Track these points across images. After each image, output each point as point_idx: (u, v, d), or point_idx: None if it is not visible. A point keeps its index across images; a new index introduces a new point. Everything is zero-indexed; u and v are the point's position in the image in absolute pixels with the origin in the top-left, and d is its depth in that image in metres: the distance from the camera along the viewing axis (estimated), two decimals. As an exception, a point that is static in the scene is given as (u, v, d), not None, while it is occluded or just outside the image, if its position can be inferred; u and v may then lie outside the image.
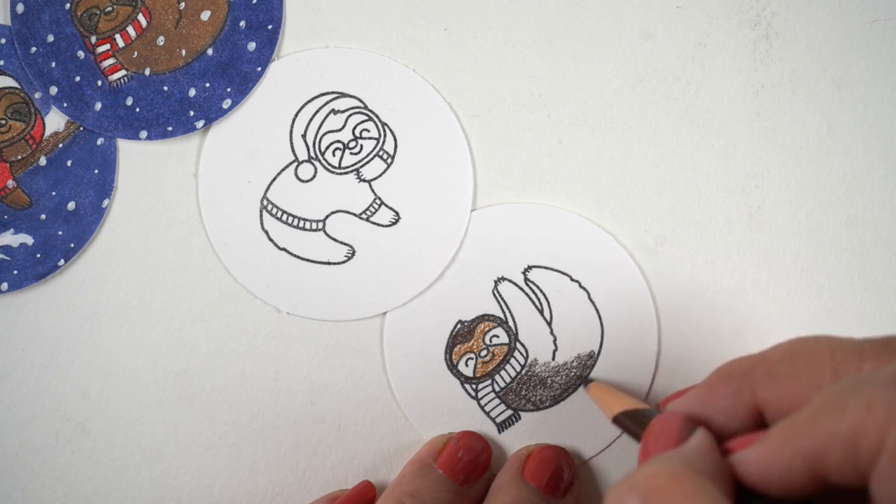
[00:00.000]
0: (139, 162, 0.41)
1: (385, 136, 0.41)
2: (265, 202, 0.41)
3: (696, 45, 0.41)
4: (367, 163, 0.41)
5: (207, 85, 0.41)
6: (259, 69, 0.41)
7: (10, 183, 0.41)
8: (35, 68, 0.41)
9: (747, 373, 0.28)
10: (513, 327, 0.41)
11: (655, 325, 0.41)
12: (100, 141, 0.41)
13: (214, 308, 0.41)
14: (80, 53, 0.41)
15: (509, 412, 0.41)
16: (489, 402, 0.41)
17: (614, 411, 0.34)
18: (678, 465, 0.25)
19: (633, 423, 0.32)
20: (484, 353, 0.41)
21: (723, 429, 0.28)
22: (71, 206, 0.41)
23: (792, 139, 0.41)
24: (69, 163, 0.41)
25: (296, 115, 0.41)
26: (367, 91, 0.41)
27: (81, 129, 0.41)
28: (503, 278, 0.41)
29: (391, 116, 0.41)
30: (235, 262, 0.41)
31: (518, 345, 0.41)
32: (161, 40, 0.41)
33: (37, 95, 0.41)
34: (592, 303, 0.41)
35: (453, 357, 0.41)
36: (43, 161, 0.41)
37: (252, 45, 0.41)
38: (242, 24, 0.41)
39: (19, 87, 0.41)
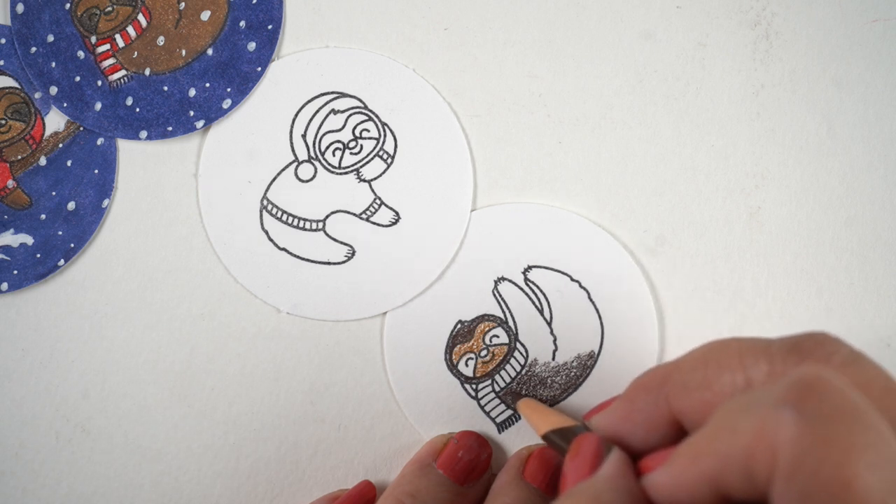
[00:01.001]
0: (139, 162, 0.41)
1: (385, 136, 0.41)
2: (265, 202, 0.41)
3: (696, 45, 0.41)
4: (367, 163, 0.41)
5: (207, 85, 0.41)
6: (259, 69, 0.41)
7: (10, 183, 0.41)
8: (35, 68, 0.41)
9: (662, 383, 0.28)
10: (513, 327, 0.41)
11: (655, 325, 0.41)
12: (100, 141, 0.41)
13: (214, 308, 0.41)
14: (80, 53, 0.41)
15: (509, 412, 0.41)
16: (489, 402, 0.41)
17: (542, 430, 0.34)
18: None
19: (561, 440, 0.33)
20: (484, 353, 0.41)
21: (644, 442, 0.28)
22: (71, 206, 0.41)
23: (792, 139, 0.41)
24: (69, 163, 0.41)
25: (296, 115, 0.41)
26: (367, 91, 0.41)
27: (81, 129, 0.41)
28: (503, 278, 0.41)
29: (391, 116, 0.41)
30: (235, 262, 0.41)
31: (518, 345, 0.41)
32: (161, 40, 0.41)
33: (37, 95, 0.41)
34: (592, 303, 0.41)
35: (453, 357, 0.41)
36: (43, 161, 0.41)
37: (252, 45, 0.41)
38: (242, 24, 0.41)
39: (19, 87, 0.41)
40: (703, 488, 0.24)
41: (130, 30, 0.41)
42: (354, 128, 0.41)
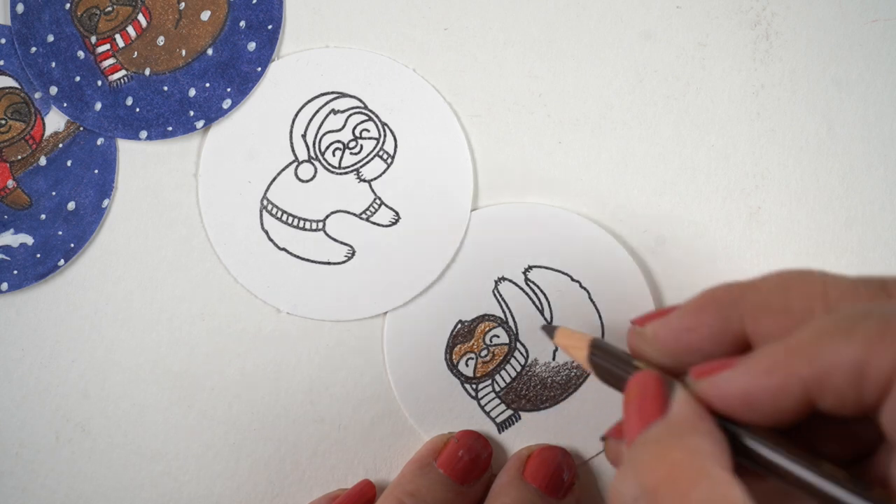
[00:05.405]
0: (139, 162, 0.41)
1: (385, 136, 0.41)
2: (265, 202, 0.41)
3: (696, 45, 0.41)
4: (367, 163, 0.41)
5: (207, 85, 0.41)
6: (259, 69, 0.41)
7: (10, 183, 0.41)
8: (35, 68, 0.41)
9: (736, 301, 0.26)
10: (513, 327, 0.41)
11: (655, 325, 0.41)
12: (100, 141, 0.41)
13: (214, 308, 0.41)
14: (80, 53, 0.41)
15: (509, 412, 0.41)
16: (489, 402, 0.41)
17: (585, 353, 0.31)
18: (674, 451, 0.23)
19: (608, 362, 0.30)
20: (484, 353, 0.41)
21: (701, 359, 0.26)
22: (71, 206, 0.41)
23: (792, 139, 0.41)
24: (69, 163, 0.41)
25: (296, 115, 0.41)
26: (367, 91, 0.41)
27: (81, 129, 0.41)
28: (503, 278, 0.41)
29: (391, 116, 0.41)
30: (235, 262, 0.41)
31: (518, 345, 0.41)
32: (161, 40, 0.41)
33: (37, 95, 0.41)
34: (592, 303, 0.41)
35: (453, 357, 0.41)
36: (43, 161, 0.41)
37: (252, 45, 0.41)
38: (242, 24, 0.41)
39: (19, 87, 0.41)
40: (791, 391, 0.23)
41: (130, 30, 0.41)
42: (354, 128, 0.41)
